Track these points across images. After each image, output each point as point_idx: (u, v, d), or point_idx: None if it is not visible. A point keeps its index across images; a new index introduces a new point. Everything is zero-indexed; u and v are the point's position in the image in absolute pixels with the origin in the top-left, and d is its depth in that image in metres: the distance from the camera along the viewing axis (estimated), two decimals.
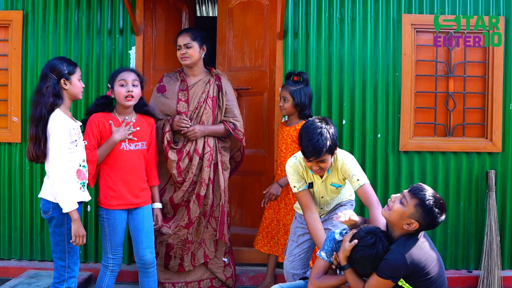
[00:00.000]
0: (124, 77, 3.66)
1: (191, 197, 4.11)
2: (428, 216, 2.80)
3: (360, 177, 3.34)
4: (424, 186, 2.89)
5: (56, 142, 3.22)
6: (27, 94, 4.79)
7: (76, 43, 4.78)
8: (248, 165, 4.78)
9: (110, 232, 3.63)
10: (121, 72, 3.71)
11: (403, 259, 2.76)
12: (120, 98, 3.65)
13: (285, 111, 4.22)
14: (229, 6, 5.00)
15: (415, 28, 4.72)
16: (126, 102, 3.65)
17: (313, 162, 3.27)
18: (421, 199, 2.81)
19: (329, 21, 4.73)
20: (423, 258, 2.80)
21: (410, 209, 2.82)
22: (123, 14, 4.77)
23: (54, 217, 3.31)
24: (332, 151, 3.27)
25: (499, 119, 4.73)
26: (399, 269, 2.76)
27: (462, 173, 4.77)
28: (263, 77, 4.88)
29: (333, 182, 3.48)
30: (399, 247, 2.82)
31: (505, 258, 4.77)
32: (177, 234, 4.11)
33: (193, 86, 4.20)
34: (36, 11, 4.80)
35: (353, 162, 3.41)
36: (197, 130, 4.06)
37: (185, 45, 4.13)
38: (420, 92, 4.76)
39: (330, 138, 3.22)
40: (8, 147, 4.84)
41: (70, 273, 3.37)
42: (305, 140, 3.25)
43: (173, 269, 4.20)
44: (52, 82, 3.30)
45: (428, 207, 2.79)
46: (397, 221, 2.88)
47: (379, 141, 4.72)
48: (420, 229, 2.85)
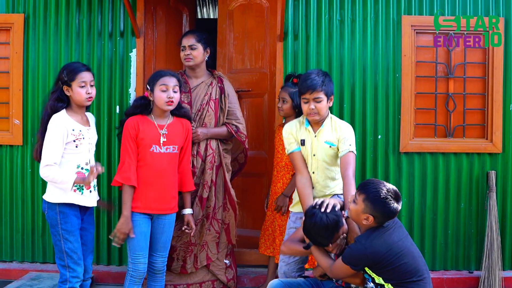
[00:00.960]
0: (166, 82, 3.61)
1: (194, 200, 4.12)
2: (378, 206, 2.93)
3: (352, 143, 3.46)
4: (370, 181, 3.07)
5: (48, 137, 3.35)
6: (29, 97, 4.81)
7: (77, 46, 4.80)
8: (249, 166, 4.78)
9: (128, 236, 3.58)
10: (163, 76, 3.64)
11: (363, 250, 2.93)
12: (161, 103, 3.61)
13: (283, 113, 4.23)
14: (230, 8, 5.02)
15: (415, 29, 4.73)
16: (167, 107, 3.63)
17: (310, 99, 3.41)
18: (366, 193, 2.97)
19: (329, 23, 4.74)
20: (385, 250, 2.91)
21: (360, 205, 2.98)
22: (123, 16, 4.79)
23: (49, 217, 3.43)
24: (327, 93, 3.43)
25: (499, 119, 4.74)
26: (358, 259, 2.94)
27: (462, 174, 4.77)
28: (264, 79, 4.90)
29: (327, 139, 3.49)
30: (362, 238, 2.99)
31: (506, 259, 4.78)
32: (180, 236, 4.12)
33: (196, 88, 4.21)
34: (37, 14, 4.82)
35: (348, 127, 3.55)
36: (199, 132, 4.06)
37: (189, 46, 4.14)
38: (420, 93, 4.77)
39: (326, 81, 3.43)
40: (10, 150, 4.86)
41: (72, 273, 3.40)
42: (303, 77, 3.50)
43: (175, 270, 4.20)
44: (58, 87, 3.45)
45: (374, 198, 2.93)
46: (356, 218, 3.05)
47: (380, 142, 4.73)
48: (379, 221, 2.97)
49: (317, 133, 3.50)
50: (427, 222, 4.76)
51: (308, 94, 3.40)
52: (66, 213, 3.39)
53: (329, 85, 3.45)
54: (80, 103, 3.47)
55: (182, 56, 4.18)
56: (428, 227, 4.77)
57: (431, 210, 4.76)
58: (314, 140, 3.51)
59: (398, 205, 2.97)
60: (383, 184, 3.01)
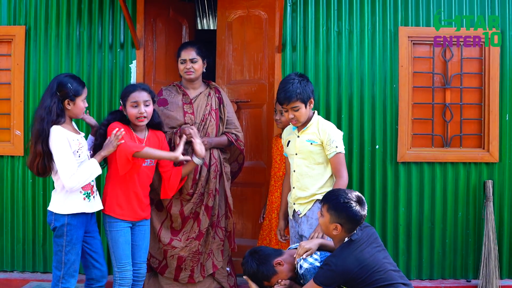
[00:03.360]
0: (136, 98, 3.64)
1: (199, 209, 4.15)
2: (342, 213, 3.00)
3: (338, 144, 3.62)
4: (331, 191, 3.19)
5: (60, 152, 3.37)
6: (30, 108, 4.85)
7: (77, 58, 4.85)
8: (247, 176, 4.83)
9: (113, 245, 3.65)
10: (132, 92, 3.67)
11: (334, 269, 2.95)
12: (132, 119, 3.68)
13: (281, 125, 4.27)
14: (229, 20, 5.07)
15: (412, 40, 4.78)
16: (138, 122, 3.69)
17: (289, 109, 3.64)
18: (328, 203, 3.06)
19: (326, 34, 4.79)
20: (356, 267, 2.93)
21: (326, 216, 3.06)
22: (124, 28, 4.84)
23: (55, 227, 3.45)
24: (303, 100, 3.61)
25: (496, 129, 4.78)
26: (330, 278, 2.96)
27: (459, 184, 4.81)
28: (262, 90, 4.94)
29: (309, 138, 3.67)
30: (333, 257, 3.01)
31: (503, 267, 4.80)
32: (189, 246, 4.14)
33: (196, 99, 4.24)
34: (39, 26, 4.87)
35: (334, 128, 3.70)
36: (206, 142, 4.10)
37: (190, 59, 4.15)
38: (417, 103, 4.81)
39: (301, 87, 3.61)
40: (11, 160, 4.89)
41: (65, 283, 3.45)
42: (280, 87, 3.69)
43: (183, 281, 4.21)
44: (56, 100, 3.42)
45: (335, 206, 3.01)
46: (327, 232, 3.12)
47: (377, 152, 4.77)
48: (347, 228, 3.01)
49: (300, 133, 3.72)
50: (424, 231, 4.79)
51: (285, 105, 3.63)
52: (74, 225, 3.43)
53: (305, 91, 3.61)
54: (77, 115, 3.56)
55: (182, 69, 4.20)
56: (426, 236, 4.79)
57: (429, 219, 4.79)
58: (297, 140, 3.72)
59: (361, 208, 3.02)
60: (344, 191, 3.10)
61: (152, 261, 4.20)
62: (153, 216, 4.10)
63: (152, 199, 4.07)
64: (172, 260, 4.15)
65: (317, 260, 3.23)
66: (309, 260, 3.23)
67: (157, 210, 4.18)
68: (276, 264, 3.33)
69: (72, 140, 3.42)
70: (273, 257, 3.36)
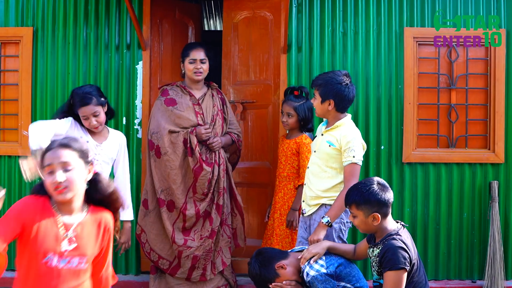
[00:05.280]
0: (50, 161, 2.29)
1: (210, 208, 4.17)
2: (373, 201, 2.95)
3: (357, 154, 3.43)
4: (347, 193, 3.09)
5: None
6: (37, 109, 4.89)
7: (84, 59, 4.88)
8: (253, 177, 4.85)
9: None
10: (47, 152, 2.32)
11: (397, 244, 2.91)
12: (50, 191, 2.31)
13: (288, 127, 4.28)
14: (234, 21, 5.09)
15: (417, 41, 4.79)
16: (57, 196, 2.30)
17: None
18: (357, 199, 2.98)
19: (332, 35, 4.80)
20: (411, 247, 2.98)
21: (360, 214, 2.99)
22: (130, 29, 4.87)
23: None
24: (321, 95, 3.55)
25: (502, 130, 4.78)
26: (401, 255, 2.88)
27: (465, 184, 4.81)
28: (268, 91, 4.96)
29: (329, 139, 3.54)
30: (388, 241, 2.95)
31: (508, 269, 4.80)
32: (203, 245, 4.15)
33: (203, 100, 4.27)
34: (46, 27, 4.91)
35: (357, 137, 3.50)
36: (220, 141, 4.16)
37: (201, 60, 4.15)
38: (422, 104, 4.82)
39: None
40: (19, 160, 4.93)
41: None
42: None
43: (195, 279, 4.21)
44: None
45: (365, 197, 2.95)
46: (367, 227, 3.05)
47: (383, 153, 4.78)
48: (383, 214, 2.97)
49: (324, 131, 3.61)
50: (430, 232, 4.80)
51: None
52: None
53: (328, 88, 3.56)
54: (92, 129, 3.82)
55: (191, 69, 4.16)
56: (431, 237, 4.80)
57: (434, 220, 4.80)
58: (320, 137, 3.64)
59: (384, 193, 2.99)
60: (356, 185, 3.08)
61: (162, 263, 4.18)
62: (164, 217, 4.12)
63: (164, 200, 4.10)
64: (187, 260, 4.13)
65: (323, 266, 3.20)
66: (315, 267, 3.20)
67: (168, 211, 4.16)
68: (278, 267, 3.31)
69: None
70: (276, 260, 3.34)
